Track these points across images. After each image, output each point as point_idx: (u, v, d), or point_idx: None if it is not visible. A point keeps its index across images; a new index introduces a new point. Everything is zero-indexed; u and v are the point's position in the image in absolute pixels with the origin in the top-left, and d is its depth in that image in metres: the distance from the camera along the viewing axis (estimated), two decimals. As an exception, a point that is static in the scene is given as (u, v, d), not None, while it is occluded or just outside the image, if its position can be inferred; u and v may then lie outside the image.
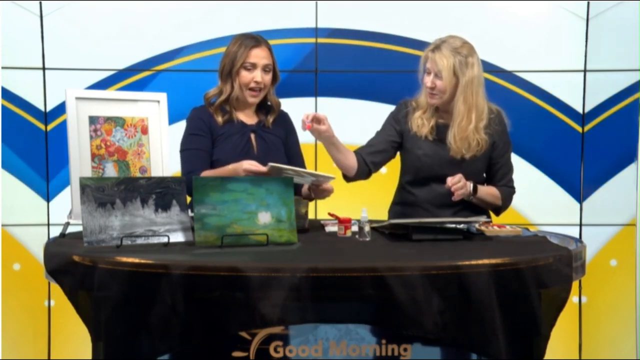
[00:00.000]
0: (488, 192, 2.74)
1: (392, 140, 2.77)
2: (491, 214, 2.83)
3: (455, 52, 2.65)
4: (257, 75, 2.70)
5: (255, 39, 2.73)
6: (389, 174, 3.04)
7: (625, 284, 3.68)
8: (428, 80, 2.68)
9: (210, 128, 2.72)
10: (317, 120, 2.55)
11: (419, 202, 2.76)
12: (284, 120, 2.86)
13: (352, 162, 2.71)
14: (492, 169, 2.79)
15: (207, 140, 2.71)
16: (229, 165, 2.58)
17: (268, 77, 2.74)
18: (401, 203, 2.81)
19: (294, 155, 2.85)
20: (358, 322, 2.06)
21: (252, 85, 2.71)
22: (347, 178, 2.78)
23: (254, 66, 2.70)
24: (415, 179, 2.77)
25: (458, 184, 2.57)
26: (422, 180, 2.75)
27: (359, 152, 2.75)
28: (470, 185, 2.63)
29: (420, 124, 2.73)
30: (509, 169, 2.81)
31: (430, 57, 2.67)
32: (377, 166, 2.79)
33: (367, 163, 2.74)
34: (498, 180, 2.79)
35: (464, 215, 2.68)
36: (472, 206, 2.74)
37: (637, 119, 3.56)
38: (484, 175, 2.81)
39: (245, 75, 2.71)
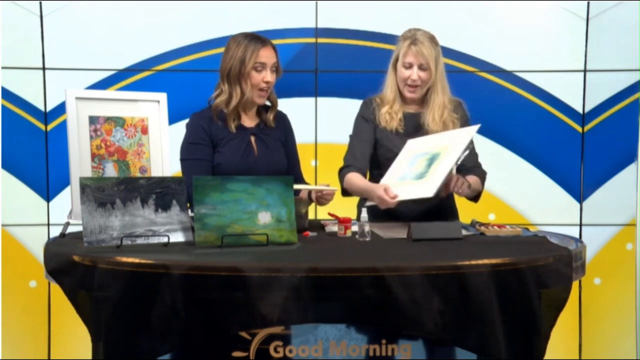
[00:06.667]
0: (474, 180, 2.74)
1: (371, 140, 2.80)
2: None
3: (433, 42, 2.72)
4: (267, 75, 2.69)
5: (260, 39, 2.71)
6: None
7: (625, 284, 3.68)
8: (412, 73, 2.71)
9: (210, 134, 2.70)
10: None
11: None
12: (283, 121, 2.86)
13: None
14: None
15: (208, 148, 2.69)
16: None
17: (274, 76, 2.73)
18: None
19: (291, 156, 2.86)
20: (358, 322, 2.06)
21: (262, 85, 2.70)
22: (347, 193, 2.80)
23: (263, 66, 2.69)
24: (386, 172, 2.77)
25: (461, 185, 2.58)
26: None
27: (355, 166, 2.76)
28: (465, 179, 2.64)
29: (389, 118, 2.78)
30: (475, 153, 2.86)
31: (412, 50, 2.70)
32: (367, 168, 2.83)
33: (364, 172, 2.78)
34: (471, 165, 2.80)
35: (435, 209, 2.71)
36: (443, 200, 2.73)
37: (637, 119, 3.56)
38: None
39: (255, 76, 2.68)
